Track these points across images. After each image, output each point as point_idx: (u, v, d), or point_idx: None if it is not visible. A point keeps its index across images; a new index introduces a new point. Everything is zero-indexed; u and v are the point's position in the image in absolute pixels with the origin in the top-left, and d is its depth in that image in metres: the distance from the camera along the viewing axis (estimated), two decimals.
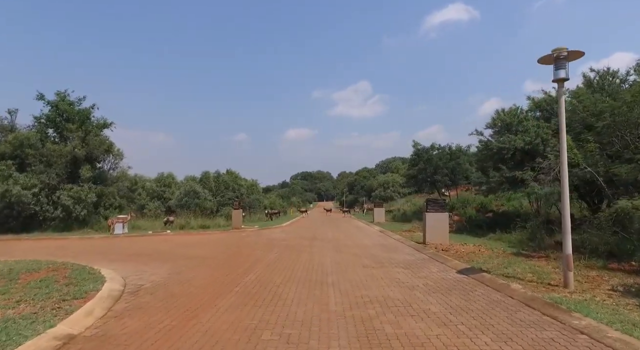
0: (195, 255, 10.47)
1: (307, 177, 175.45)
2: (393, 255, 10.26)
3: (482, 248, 11.26)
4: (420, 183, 27.31)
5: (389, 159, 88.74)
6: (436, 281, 6.74)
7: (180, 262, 9.10)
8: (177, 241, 14.50)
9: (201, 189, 29.74)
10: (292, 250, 11.57)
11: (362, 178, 75.68)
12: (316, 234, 17.78)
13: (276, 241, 14.19)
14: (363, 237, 16.07)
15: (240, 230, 18.84)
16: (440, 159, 25.18)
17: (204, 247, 12.32)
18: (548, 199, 12.09)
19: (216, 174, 35.30)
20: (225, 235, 16.71)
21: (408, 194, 59.74)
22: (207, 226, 22.02)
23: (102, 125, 23.14)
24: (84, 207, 19.14)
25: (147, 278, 7.00)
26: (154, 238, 15.86)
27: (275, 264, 8.82)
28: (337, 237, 15.75)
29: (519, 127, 14.78)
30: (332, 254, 10.60)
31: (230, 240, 14.78)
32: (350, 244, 13.13)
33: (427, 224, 12.63)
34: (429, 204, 12.89)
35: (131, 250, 11.88)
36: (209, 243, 13.69)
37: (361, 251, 11.23)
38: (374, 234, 17.75)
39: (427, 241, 12.48)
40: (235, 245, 12.83)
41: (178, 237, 16.11)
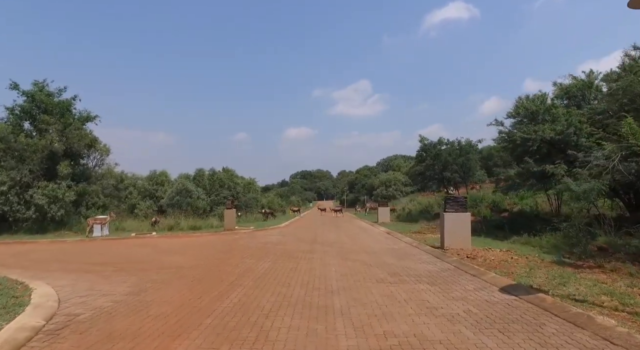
0: (172, 264, 8.74)
1: (307, 176, 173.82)
2: (410, 264, 8.53)
3: (513, 254, 9.55)
4: (427, 180, 25.60)
5: (390, 157, 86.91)
6: (480, 306, 5.01)
7: (150, 275, 7.37)
8: (160, 245, 12.77)
9: (194, 188, 28.00)
10: (289, 257, 9.84)
11: (363, 176, 73.97)
12: (317, 236, 16.05)
13: (271, 245, 12.46)
14: (369, 240, 14.34)
15: (233, 232, 17.12)
16: (450, 155, 23.45)
17: (186, 253, 10.59)
18: (587, 196, 10.36)
19: (211, 171, 33.55)
20: (215, 238, 14.99)
21: (411, 193, 58.13)
22: (198, 227, 20.30)
23: (84, 119, 21.39)
24: (60, 206, 17.39)
25: (93, 302, 5.26)
26: (135, 241, 14.12)
27: (267, 277, 7.10)
28: (340, 240, 14.03)
29: (546, 116, 13.04)
30: (336, 262, 8.87)
31: (219, 243, 13.05)
32: (357, 249, 11.41)
33: (446, 225, 10.90)
34: (448, 203, 11.15)
35: (101, 257, 10.14)
36: (194, 248, 11.96)
37: (371, 258, 9.50)
38: (381, 236, 16.02)
39: (446, 246, 10.76)
40: (223, 251, 11.10)
41: (162, 240, 14.38)
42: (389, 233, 16.95)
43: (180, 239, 14.99)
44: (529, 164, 12.50)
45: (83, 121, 21.21)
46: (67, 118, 19.73)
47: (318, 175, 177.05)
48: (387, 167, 78.14)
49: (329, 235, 16.14)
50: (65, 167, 18.23)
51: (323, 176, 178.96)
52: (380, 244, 12.72)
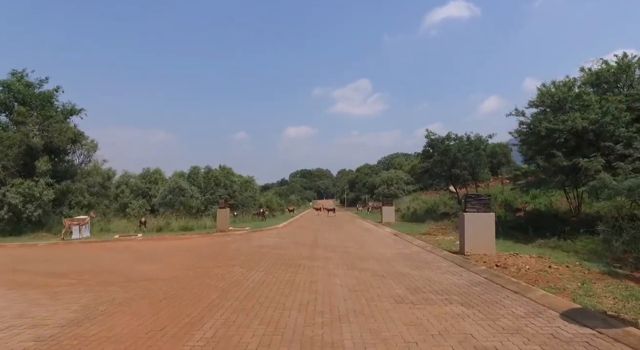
0: (145, 275, 7.30)
1: (307, 174, 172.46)
2: (431, 275, 7.10)
3: (550, 262, 8.13)
4: (434, 178, 24.16)
5: (391, 155, 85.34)
6: (550, 346, 3.58)
7: (111, 291, 5.93)
8: (141, 249, 11.33)
9: (188, 186, 26.55)
10: (286, 265, 8.41)
11: (364, 175, 72.52)
12: (318, 238, 14.61)
13: (267, 249, 11.02)
14: (376, 243, 12.91)
15: (225, 234, 15.68)
16: (459, 150, 21.98)
17: (167, 260, 9.14)
18: (632, 193, 8.92)
19: (206, 169, 32.09)
20: (205, 241, 13.55)
21: (413, 191, 56.67)
22: (190, 228, 18.86)
23: (68, 112, 19.93)
24: (38, 206, 15.94)
25: (8, 341, 3.82)
26: (114, 245, 12.68)
27: (258, 295, 5.66)
28: (344, 244, 12.59)
29: (575, 104, 11.61)
30: (342, 273, 7.44)
31: (208, 247, 11.61)
32: (364, 255, 9.97)
33: (467, 227, 9.47)
34: (469, 202, 9.71)
35: (65, 265, 8.71)
36: (178, 253, 10.51)
37: (382, 267, 8.07)
38: (388, 238, 14.59)
39: (467, 251, 9.34)
40: (211, 257, 9.67)
41: (146, 244, 12.94)
42: (397, 235, 15.52)
43: (166, 241, 13.55)
44: (558, 158, 11.06)
45: (66, 114, 19.77)
46: (48, 110, 18.27)
47: (318, 174, 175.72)
48: (388, 165, 76.62)
49: (330, 238, 14.71)
50: (44, 163, 16.78)
51: (323, 175, 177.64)
52: (389, 248, 11.28)
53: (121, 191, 30.32)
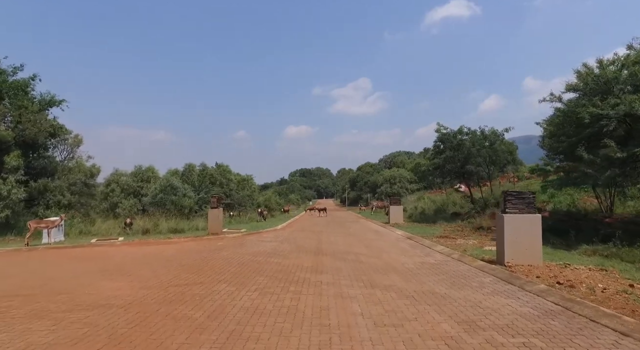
0: (100, 298, 5.53)
1: (306, 173, 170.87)
2: (478, 297, 5.33)
3: (621, 278, 6.39)
4: (446, 175, 22.36)
5: (393, 153, 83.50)
6: None
7: (30, 332, 4.16)
8: (113, 258, 9.55)
9: (180, 184, 24.76)
10: (285, 280, 6.64)
11: (366, 174, 70.75)
12: (322, 242, 12.84)
13: (263, 258, 9.25)
14: (391, 248, 11.13)
15: (217, 238, 13.89)
16: (474, 145, 20.21)
17: (139, 274, 7.36)
18: None
19: (201, 166, 30.30)
20: (193, 246, 11.76)
21: (417, 190, 54.95)
22: (181, 230, 17.10)
23: (46, 103, 18.13)
24: (5, 206, 14.15)
25: None
26: (86, 252, 10.89)
27: (245, 335, 3.90)
28: (354, 250, 10.82)
29: (628, 84, 9.84)
30: (359, 294, 5.67)
31: (194, 255, 9.83)
32: (381, 265, 8.19)
33: (507, 232, 7.70)
34: (510, 201, 7.93)
35: (6, 282, 6.92)
36: (157, 262, 8.73)
37: (409, 284, 6.29)
38: (403, 242, 12.82)
39: (508, 260, 7.58)
40: (195, 268, 7.89)
41: (123, 250, 11.15)
42: (411, 238, 13.76)
43: (148, 247, 11.76)
44: (610, 148, 9.29)
45: (44, 105, 17.96)
46: (21, 100, 16.46)
47: (317, 173, 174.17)
48: (390, 163, 74.80)
49: (337, 242, 12.93)
50: (14, 158, 14.99)
51: (323, 174, 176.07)
52: (409, 256, 9.51)
53: (111, 190, 28.57)
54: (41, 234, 12.66)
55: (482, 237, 13.58)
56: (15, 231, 14.57)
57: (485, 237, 13.63)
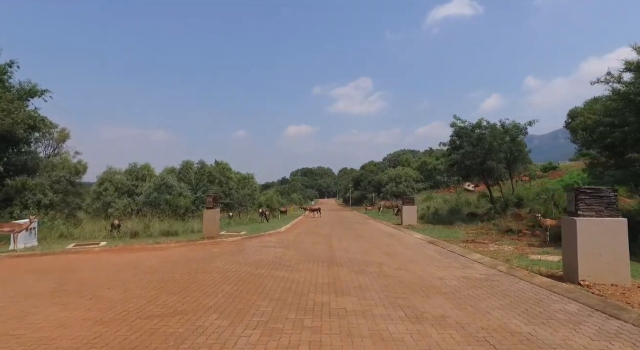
0: (28, 346, 3.81)
1: (308, 173, 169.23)
2: (585, 344, 3.59)
3: None
4: (464, 172, 20.57)
5: (397, 151, 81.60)
6: None
7: None
8: (84, 271, 7.83)
9: (176, 182, 23.06)
10: (296, 308, 4.92)
11: (369, 172, 68.92)
12: (334, 247, 11.11)
13: (265, 270, 7.53)
14: (417, 257, 9.37)
15: (213, 242, 12.17)
16: (495, 139, 18.44)
17: (104, 295, 5.64)
18: None
19: (199, 164, 28.59)
20: (183, 253, 10.04)
21: (423, 189, 53.18)
22: (174, 232, 15.39)
23: (25, 92, 16.43)
24: None
25: None
26: (54, 261, 9.17)
27: None
28: (373, 258, 9.08)
29: None
30: (405, 333, 3.94)
31: (183, 265, 8.11)
32: (416, 282, 6.46)
33: (581, 241, 5.97)
34: (582, 200, 6.18)
35: None
36: (135, 276, 7.00)
37: (468, 316, 4.56)
38: (427, 248, 11.07)
39: (583, 278, 5.87)
40: (178, 286, 6.17)
41: (100, 258, 9.44)
42: (434, 243, 12.03)
43: (131, 253, 10.04)
44: None
45: (23, 95, 16.27)
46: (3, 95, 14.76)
47: (319, 173, 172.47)
48: (394, 162, 72.93)
49: (350, 247, 11.20)
50: None
51: (324, 173, 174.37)
52: (443, 267, 7.77)
53: (104, 189, 26.92)
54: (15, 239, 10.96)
55: (515, 242, 11.85)
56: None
57: (519, 241, 11.90)
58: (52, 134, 18.88)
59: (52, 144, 19.24)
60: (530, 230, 13.56)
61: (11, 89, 16.04)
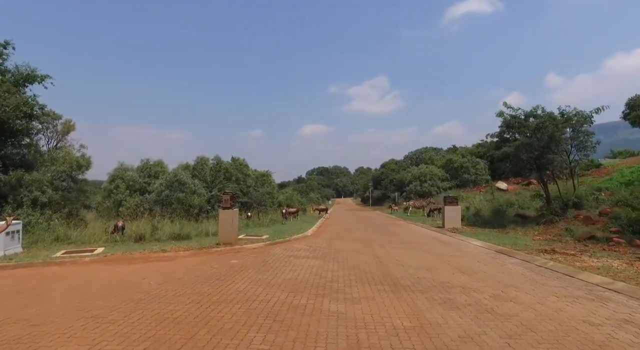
0: None
1: (324, 172, 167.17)
2: None
3: None
4: (518, 166, 17.79)
5: (419, 149, 78.19)
6: None
7: None
8: (51, 297, 5.70)
9: (190, 179, 21.07)
10: None
11: (391, 171, 66.08)
12: (381, 259, 8.71)
13: (306, 300, 5.22)
14: (508, 277, 6.88)
15: (231, 250, 9.94)
16: (557, 128, 15.67)
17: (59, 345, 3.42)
18: None
19: (215, 160, 26.59)
20: (193, 265, 7.83)
21: (449, 189, 50.15)
22: (186, 235, 13.32)
23: (22, 77, 14.63)
24: None
25: None
26: (25, 277, 7.09)
27: None
28: (446, 278, 6.64)
29: None
30: None
31: (191, 287, 5.89)
32: (558, 333, 4.01)
33: None
34: None
35: None
36: (119, 309, 4.81)
37: None
38: (504, 261, 8.55)
39: None
40: (178, 335, 3.93)
41: (87, 273, 7.32)
42: (505, 253, 9.52)
43: (128, 266, 7.90)
44: None
45: (19, 79, 14.47)
46: None
47: (335, 172, 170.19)
48: (417, 160, 69.74)
49: (404, 258, 8.77)
50: None
51: (340, 173, 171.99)
52: (565, 299, 5.30)
53: (115, 186, 25.25)
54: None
55: (611, 253, 9.23)
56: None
57: (617, 252, 9.27)
58: (55, 125, 17.10)
59: (56, 137, 17.48)
60: (623, 238, 10.85)
61: (6, 73, 14.27)
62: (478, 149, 62.11)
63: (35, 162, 15.47)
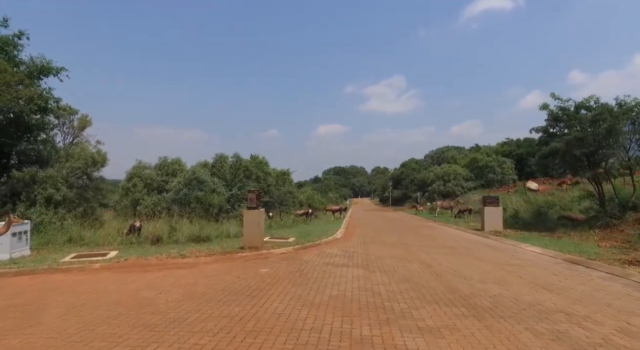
0: None
1: (340, 172, 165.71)
2: None
3: None
4: (568, 164, 16.05)
5: (441, 148, 75.91)
6: None
7: None
8: (46, 317, 4.64)
9: (209, 177, 20.14)
10: None
11: (411, 170, 64.18)
12: (436, 270, 7.40)
13: (369, 329, 3.98)
14: (620, 301, 5.47)
15: (258, 255, 8.79)
16: (617, 121, 13.95)
17: None
18: None
19: (234, 158, 25.67)
20: (217, 276, 6.71)
21: (474, 189, 48.09)
22: (205, 237, 12.30)
23: (37, 69, 13.91)
24: None
25: None
26: (23, 288, 6.11)
27: None
28: (538, 299, 5.28)
29: None
30: None
31: (216, 311, 4.74)
32: None
33: None
34: None
35: None
36: (127, 339, 3.68)
37: None
38: (585, 274, 7.09)
39: None
40: None
41: (93, 285, 6.29)
42: (576, 262, 8.05)
43: (143, 274, 6.84)
44: None
45: (34, 71, 13.75)
46: (0, 64, 12.23)
47: (352, 172, 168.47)
48: (438, 159, 67.58)
49: (461, 269, 7.43)
50: None
51: (357, 172, 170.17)
52: None
53: (133, 185, 24.66)
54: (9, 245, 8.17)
55: None
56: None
57: None
58: (71, 120, 16.41)
59: (72, 132, 16.79)
60: None
61: (20, 65, 13.57)
62: (503, 147, 59.71)
63: (51, 159, 14.76)
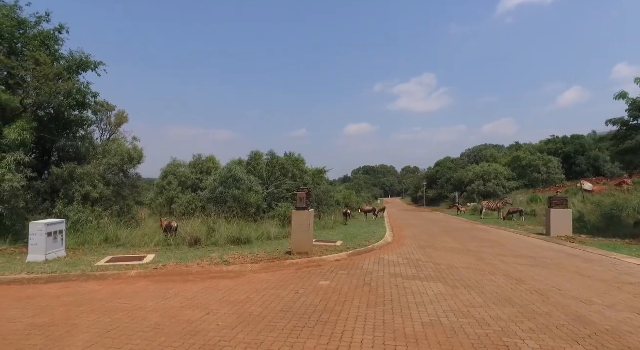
0: None
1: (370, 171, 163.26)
2: None
3: None
4: None
5: (479, 146, 72.33)
6: None
7: None
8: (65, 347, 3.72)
9: (245, 175, 19.38)
10: None
11: (447, 169, 61.47)
12: (533, 288, 6.01)
13: None
14: None
15: (310, 262, 7.71)
16: None
17: None
18: None
19: (270, 155, 24.87)
20: (270, 291, 5.69)
21: (516, 189, 45.10)
22: (246, 239, 11.40)
23: (76, 64, 13.57)
24: None
25: None
26: (51, 299, 5.32)
27: None
28: None
29: None
30: None
31: (280, 343, 3.65)
32: None
33: None
34: None
35: None
36: None
37: None
38: None
39: None
40: None
41: (131, 297, 5.42)
42: None
43: (183, 286, 5.93)
44: None
45: (73, 66, 13.41)
46: (41, 57, 11.88)
47: (382, 171, 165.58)
48: (476, 158, 64.36)
49: (567, 287, 6.00)
50: (16, 130, 10.27)
51: (387, 172, 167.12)
52: None
53: (168, 182, 24.49)
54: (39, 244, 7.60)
55: None
56: (13, 237, 9.87)
57: None
58: (109, 116, 16.10)
59: (110, 129, 16.51)
60: None
61: (60, 59, 13.27)
62: (547, 145, 55.92)
63: (89, 155, 14.42)
